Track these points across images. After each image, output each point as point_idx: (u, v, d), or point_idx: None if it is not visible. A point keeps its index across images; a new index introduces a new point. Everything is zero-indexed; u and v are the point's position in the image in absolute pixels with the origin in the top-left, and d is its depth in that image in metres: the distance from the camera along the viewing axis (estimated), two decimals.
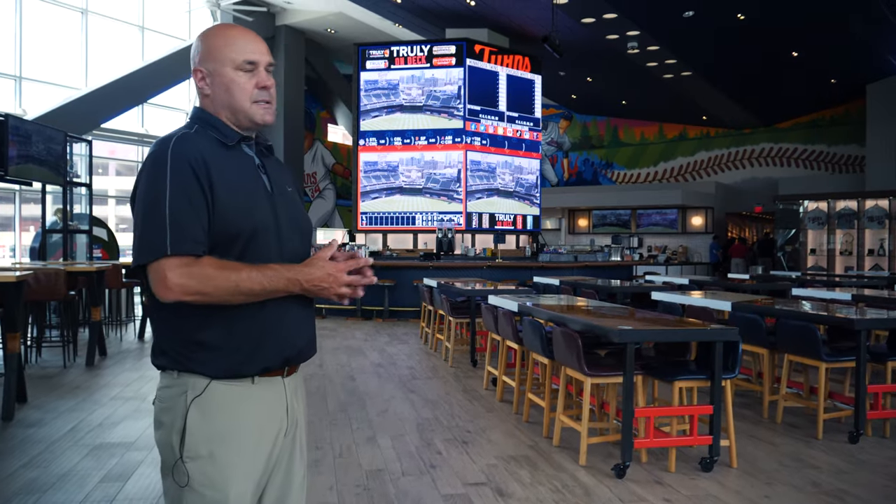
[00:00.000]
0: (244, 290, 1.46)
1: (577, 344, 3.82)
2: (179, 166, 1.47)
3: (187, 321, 1.51)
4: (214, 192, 1.49)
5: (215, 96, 1.61)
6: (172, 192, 1.45)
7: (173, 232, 1.44)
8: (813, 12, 11.48)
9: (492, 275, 10.61)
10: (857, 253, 15.47)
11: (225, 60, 1.60)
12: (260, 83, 1.61)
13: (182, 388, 1.53)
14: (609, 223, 20.22)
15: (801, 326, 4.50)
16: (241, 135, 1.62)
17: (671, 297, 6.13)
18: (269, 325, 1.54)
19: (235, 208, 1.50)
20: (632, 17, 11.70)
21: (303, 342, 1.62)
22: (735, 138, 19.50)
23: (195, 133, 1.58)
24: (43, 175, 8.89)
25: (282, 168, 1.74)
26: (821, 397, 4.43)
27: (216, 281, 1.44)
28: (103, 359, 7.10)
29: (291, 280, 1.49)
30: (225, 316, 1.50)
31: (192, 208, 1.46)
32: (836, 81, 15.70)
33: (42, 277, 6.32)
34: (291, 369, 1.64)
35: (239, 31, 1.65)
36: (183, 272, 1.43)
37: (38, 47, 12.36)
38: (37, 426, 4.54)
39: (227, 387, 1.52)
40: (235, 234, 1.50)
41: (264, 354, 1.54)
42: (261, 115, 1.62)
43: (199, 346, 1.51)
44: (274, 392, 1.59)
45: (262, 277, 1.46)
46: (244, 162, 1.61)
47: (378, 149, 13.05)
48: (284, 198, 1.64)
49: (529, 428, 4.59)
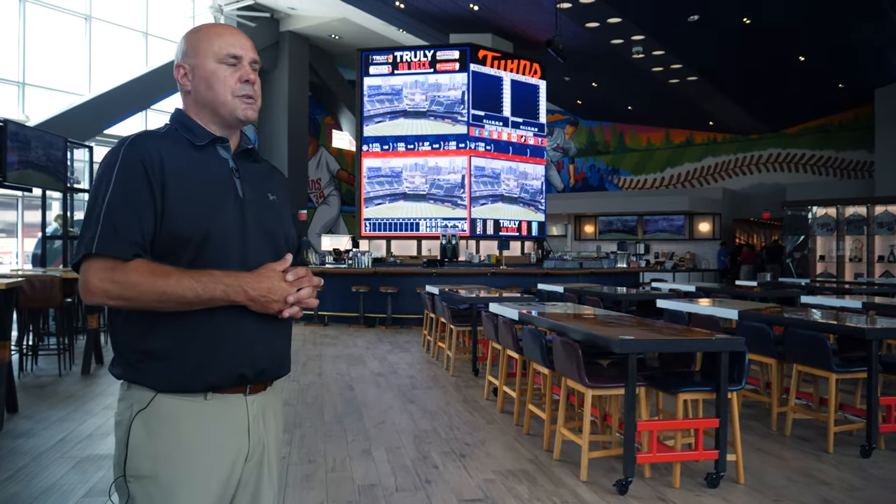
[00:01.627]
0: (172, 297, 1.34)
1: (577, 354, 3.69)
2: (127, 165, 1.39)
3: (134, 327, 1.42)
4: (166, 193, 1.39)
5: (195, 92, 1.53)
6: (113, 190, 1.38)
7: (103, 231, 1.35)
8: (819, 16, 11.34)
9: (496, 282, 10.49)
10: (866, 259, 15.27)
11: (207, 53, 1.52)
12: (243, 77, 1.52)
13: (129, 400, 1.43)
14: (615, 229, 20.06)
15: (811, 336, 4.36)
16: (214, 136, 1.52)
17: (676, 305, 5.99)
18: (221, 338, 1.41)
19: (188, 212, 1.40)
20: (636, 21, 11.59)
21: (265, 359, 1.48)
22: (742, 144, 19.33)
23: (162, 133, 1.50)
24: (43, 181, 8.83)
25: (266, 174, 1.63)
26: (831, 409, 4.28)
27: (141, 287, 1.33)
28: (99, 367, 7.01)
29: (232, 287, 1.37)
30: (172, 323, 1.39)
31: (131, 208, 1.37)
32: (843, 86, 15.54)
33: (37, 284, 6.24)
34: (256, 387, 1.50)
35: (223, 27, 1.58)
36: (104, 276, 1.34)
37: (42, 53, 12.34)
38: (25, 437, 4.43)
39: (175, 401, 1.41)
40: (186, 238, 1.40)
41: (213, 369, 1.41)
42: (242, 109, 1.52)
43: (145, 356, 1.41)
44: (232, 411, 1.46)
45: (196, 283, 1.34)
46: (214, 164, 1.51)
47: (382, 154, 12.96)
48: (259, 205, 1.53)
49: (530, 440, 4.46)
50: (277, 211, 1.58)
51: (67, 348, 6.89)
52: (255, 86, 1.54)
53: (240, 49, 1.52)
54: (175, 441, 1.40)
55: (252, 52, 1.55)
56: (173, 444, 1.40)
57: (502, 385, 5.22)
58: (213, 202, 1.44)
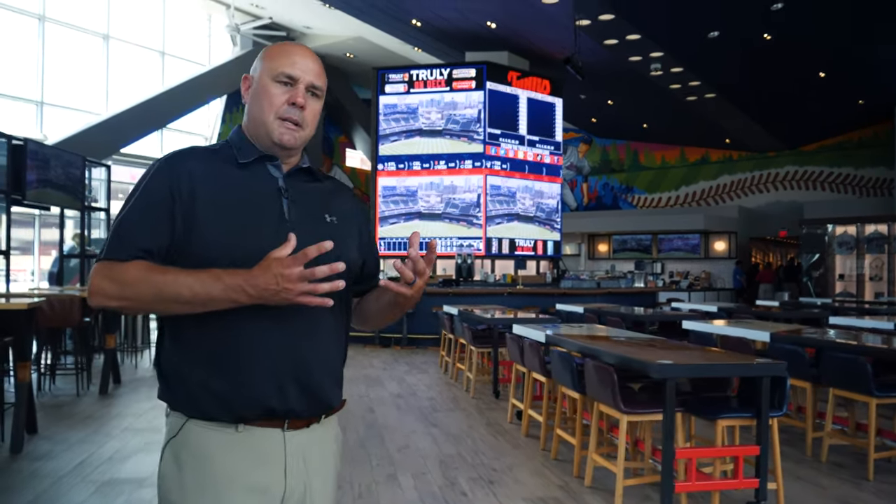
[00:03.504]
0: (170, 295, 1.25)
1: (612, 379, 3.59)
2: (153, 181, 1.36)
3: (172, 349, 1.35)
4: (195, 210, 1.33)
5: (249, 106, 1.48)
6: (134, 204, 1.35)
7: (112, 238, 1.32)
8: (841, 33, 11.25)
9: (513, 301, 10.37)
10: (887, 278, 15.04)
11: (266, 70, 1.45)
12: (291, 99, 1.42)
13: (167, 426, 1.38)
14: (630, 248, 19.91)
15: (850, 359, 4.23)
16: (262, 153, 1.44)
17: (704, 327, 5.86)
18: (246, 365, 1.31)
19: (217, 231, 1.32)
20: (655, 38, 11.54)
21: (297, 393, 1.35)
22: (759, 161, 19.19)
23: (209, 150, 1.45)
24: (61, 199, 8.85)
25: (328, 194, 1.52)
26: (871, 435, 4.15)
27: (137, 285, 1.26)
28: (117, 387, 6.95)
29: (231, 286, 1.24)
30: (203, 346, 1.32)
31: (146, 219, 1.33)
32: (863, 102, 15.40)
33: (56, 304, 6.20)
34: (296, 423, 1.38)
35: (294, 46, 1.50)
36: (104, 274, 1.29)
37: (60, 73, 12.44)
38: (45, 459, 4.36)
39: (205, 431, 1.32)
40: (214, 259, 1.30)
41: (238, 400, 1.31)
42: (279, 133, 1.42)
43: (178, 378, 1.34)
44: (266, 447, 1.35)
45: (193, 281, 1.24)
46: (258, 183, 1.42)
47: (397, 173, 12.93)
48: (308, 227, 1.40)
49: (558, 466, 4.34)
50: (336, 234, 1.43)
51: (85, 368, 6.83)
52: (306, 112, 1.43)
53: (298, 70, 1.43)
54: (203, 473, 1.32)
55: (313, 77, 1.45)
56: (201, 476, 1.32)
57: (527, 408, 5.10)
58: (248, 223, 1.35)
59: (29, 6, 11.80)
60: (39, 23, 11.92)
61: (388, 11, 12.26)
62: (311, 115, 1.46)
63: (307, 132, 1.46)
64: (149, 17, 14.44)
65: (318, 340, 1.41)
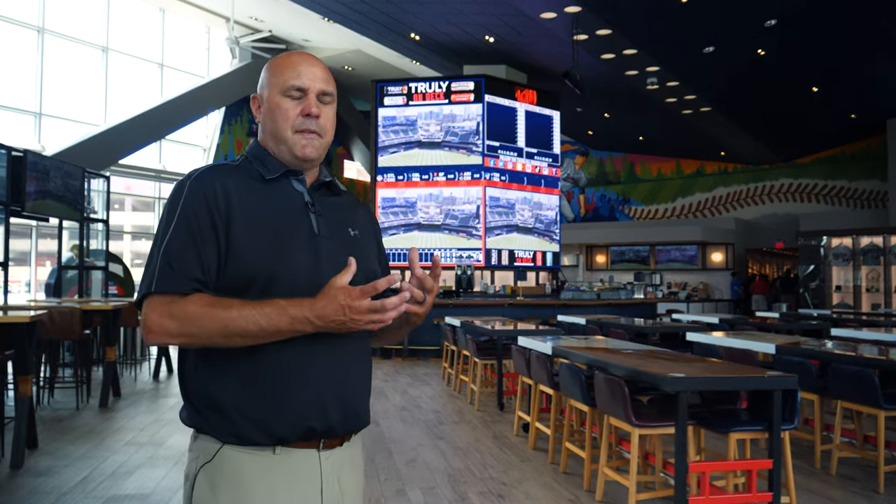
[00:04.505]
0: (236, 330, 1.24)
1: (623, 392, 3.57)
2: (189, 201, 1.33)
3: (200, 373, 1.33)
4: (231, 229, 1.31)
5: (263, 124, 1.46)
6: (176, 226, 1.31)
7: (162, 268, 1.28)
8: (834, 48, 11.36)
9: (513, 313, 10.36)
10: (884, 290, 15.10)
11: (275, 85, 1.43)
12: (305, 110, 1.41)
13: (196, 451, 1.35)
14: (627, 259, 19.94)
15: (858, 372, 4.23)
16: (287, 168, 1.43)
17: (709, 339, 5.86)
18: (287, 386, 1.30)
19: (254, 249, 1.31)
20: (652, 53, 11.61)
21: (336, 412, 1.35)
22: (753, 174, 19.29)
23: (233, 166, 1.43)
24: (60, 211, 8.81)
25: (348, 208, 1.53)
26: (881, 448, 4.14)
27: (201, 321, 1.24)
28: (117, 400, 6.89)
29: (297, 318, 1.24)
30: (238, 370, 1.30)
31: (190, 244, 1.30)
32: (856, 117, 15.53)
33: (57, 316, 6.15)
34: (331, 442, 1.38)
35: (297, 56, 1.48)
36: (163, 311, 1.26)
37: (59, 84, 12.42)
38: (47, 475, 4.31)
39: (242, 455, 1.31)
40: (252, 276, 1.30)
41: (279, 422, 1.30)
42: (301, 146, 1.41)
43: (210, 403, 1.32)
44: (303, 468, 1.34)
45: (259, 316, 1.24)
46: (286, 199, 1.41)
47: (396, 185, 12.93)
48: (337, 241, 1.42)
49: (568, 480, 4.31)
50: (359, 247, 1.47)
51: (85, 381, 6.77)
52: (321, 120, 1.42)
53: (306, 80, 1.42)
54: (240, 498, 1.30)
55: (322, 83, 1.43)
56: (238, 500, 1.30)
57: (534, 421, 5.08)
58: (281, 239, 1.35)
59: (28, 18, 11.80)
60: (38, 35, 11.91)
61: (387, 25, 12.31)
62: (327, 122, 1.45)
63: (326, 140, 1.46)
64: (148, 30, 14.46)
65: (353, 356, 1.41)
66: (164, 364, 8.72)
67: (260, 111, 1.47)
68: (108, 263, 10.27)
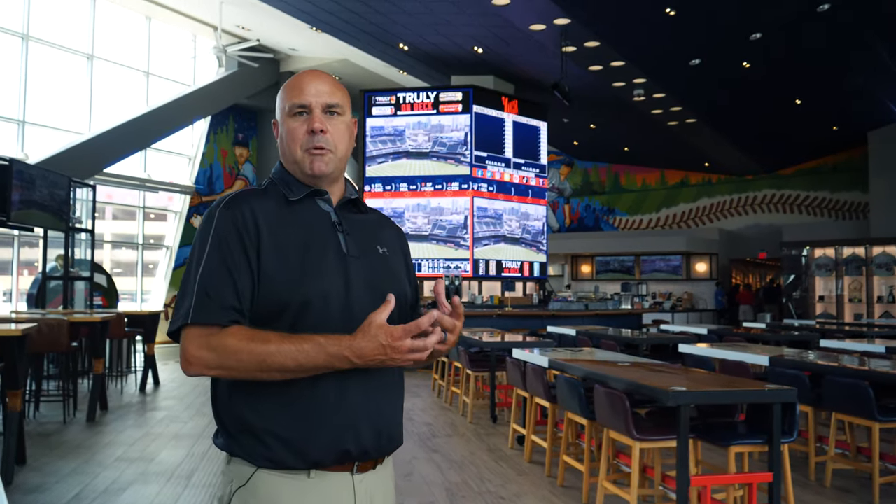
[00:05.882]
0: (274, 366, 1.24)
1: (625, 406, 3.58)
2: (221, 229, 1.32)
3: (235, 397, 1.32)
4: (262, 254, 1.31)
5: (280, 148, 1.47)
6: (209, 255, 1.30)
7: (199, 298, 1.27)
8: (817, 62, 11.55)
9: (502, 324, 10.36)
10: (866, 300, 15.31)
11: (283, 108, 1.45)
12: (309, 127, 1.40)
13: (230, 475, 1.34)
14: (612, 269, 20.04)
15: (852, 384, 4.27)
16: (312, 188, 1.43)
17: (702, 351, 5.90)
18: (322, 411, 1.30)
19: (285, 273, 1.31)
20: (639, 64, 11.72)
21: (370, 435, 1.35)
22: (737, 184, 19.50)
23: (259, 191, 1.42)
24: (45, 220, 8.70)
25: (375, 225, 1.52)
26: (875, 460, 4.18)
27: (239, 355, 1.24)
28: (104, 413, 6.78)
29: (335, 356, 1.24)
30: (272, 394, 1.29)
31: (225, 273, 1.29)
32: (838, 129, 15.77)
33: (45, 328, 6.05)
34: (364, 465, 1.37)
35: (303, 74, 1.47)
36: (201, 343, 1.25)
37: (43, 92, 12.28)
38: (38, 492, 4.23)
39: (276, 479, 1.30)
40: (286, 301, 1.30)
41: (315, 446, 1.30)
42: (308, 163, 1.41)
43: (245, 428, 1.31)
44: (336, 491, 1.34)
45: (298, 353, 1.24)
46: (313, 219, 1.41)
47: (384, 195, 12.91)
48: (367, 260, 1.41)
49: (566, 493, 4.30)
50: (389, 266, 1.47)
51: (71, 394, 6.67)
52: (328, 134, 1.41)
53: (308, 97, 1.41)
54: None
55: (326, 97, 1.42)
56: None
57: (530, 434, 5.07)
58: (312, 261, 1.34)
59: (13, 25, 11.66)
60: (23, 42, 11.78)
61: (376, 35, 12.32)
62: (337, 135, 1.44)
63: (339, 153, 1.44)
64: (134, 38, 14.35)
65: (387, 379, 1.40)
66: (151, 376, 8.61)
67: (279, 137, 1.48)
68: (94, 274, 10.15)
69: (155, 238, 15.50)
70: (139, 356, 9.61)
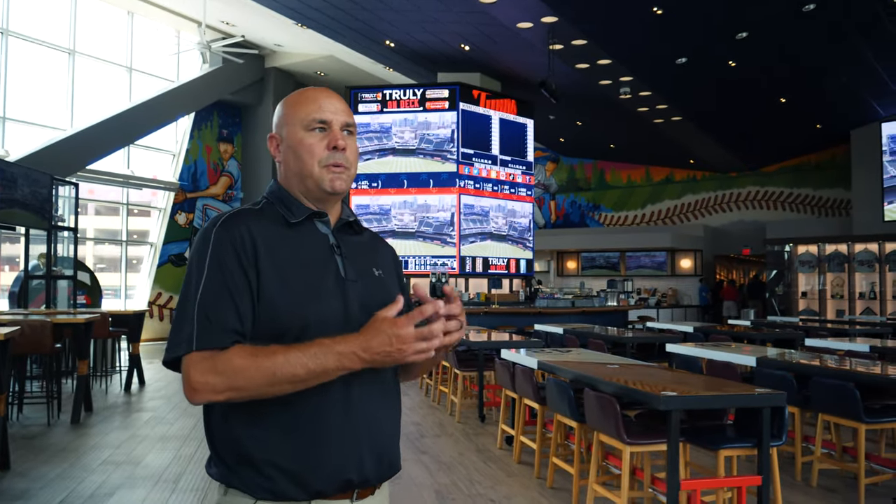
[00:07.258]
0: (284, 377, 1.21)
1: (615, 410, 3.58)
2: (219, 250, 1.29)
3: (233, 423, 1.29)
4: (261, 277, 1.29)
5: (286, 163, 1.43)
6: (208, 278, 1.27)
7: (201, 323, 1.24)
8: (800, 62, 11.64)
9: (488, 321, 10.37)
10: (848, 296, 15.49)
11: (295, 121, 1.41)
12: (331, 143, 1.39)
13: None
14: (598, 265, 20.12)
15: (839, 385, 4.31)
16: (312, 211, 1.41)
17: (689, 351, 5.93)
18: (324, 440, 1.28)
19: (285, 297, 1.29)
20: (626, 62, 11.75)
21: (372, 462, 1.34)
22: (721, 181, 19.63)
23: (255, 210, 1.39)
24: (27, 219, 8.59)
25: (370, 247, 1.50)
26: (861, 460, 4.22)
27: (247, 372, 1.21)
28: (89, 415, 6.71)
29: (344, 354, 1.22)
30: (273, 419, 1.27)
31: (228, 294, 1.26)
32: (821, 127, 15.91)
33: (28, 329, 5.96)
34: (364, 492, 1.36)
35: (314, 91, 1.46)
36: (205, 368, 1.22)
37: (23, 87, 12.10)
38: (22, 499, 4.17)
39: None
40: (286, 325, 1.28)
41: (317, 476, 1.28)
42: (329, 180, 1.39)
43: (244, 459, 1.28)
44: None
45: (305, 357, 1.21)
46: (312, 242, 1.39)
47: (370, 192, 12.87)
48: (362, 283, 1.40)
49: (555, 495, 4.31)
50: (384, 288, 1.45)
51: (56, 396, 6.59)
52: (348, 152, 1.41)
53: (329, 113, 1.40)
54: None
55: (344, 116, 1.42)
56: None
57: (519, 435, 5.08)
58: (311, 285, 1.32)
59: None
60: (2, 37, 11.59)
61: (362, 32, 12.25)
62: (353, 155, 1.43)
63: (353, 172, 1.44)
64: (116, 33, 14.17)
65: (386, 403, 1.39)
66: (136, 376, 8.53)
67: (279, 150, 1.44)
68: (77, 272, 10.03)
69: (139, 234, 15.35)
70: (124, 354, 9.52)
